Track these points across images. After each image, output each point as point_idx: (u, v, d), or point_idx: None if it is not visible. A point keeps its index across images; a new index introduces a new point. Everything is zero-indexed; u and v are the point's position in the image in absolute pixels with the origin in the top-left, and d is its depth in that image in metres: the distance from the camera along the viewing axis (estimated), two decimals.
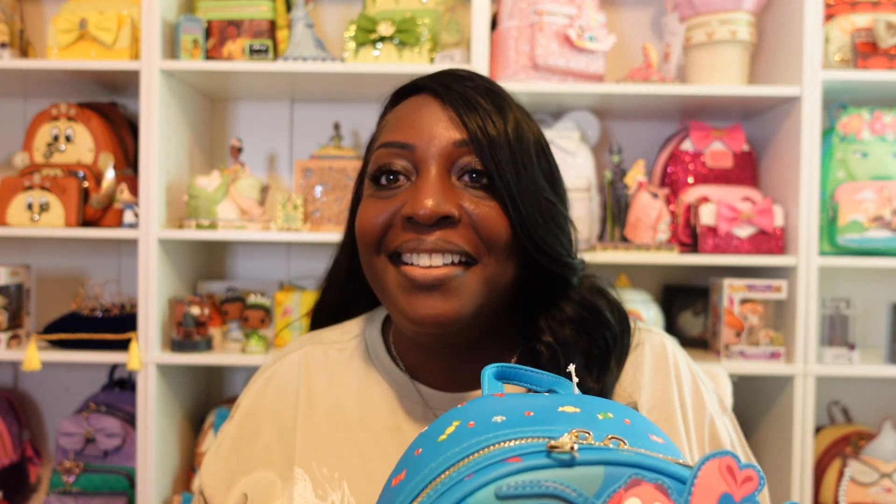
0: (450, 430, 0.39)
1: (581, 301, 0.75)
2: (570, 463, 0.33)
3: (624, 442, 0.36)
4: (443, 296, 0.66)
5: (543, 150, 0.73)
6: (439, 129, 0.68)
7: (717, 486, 0.33)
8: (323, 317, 0.88)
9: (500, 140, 0.67)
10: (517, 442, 0.36)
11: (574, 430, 0.36)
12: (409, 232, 0.66)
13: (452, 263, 0.66)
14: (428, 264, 0.66)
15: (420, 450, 0.40)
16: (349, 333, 0.82)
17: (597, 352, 0.72)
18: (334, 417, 0.75)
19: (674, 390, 0.74)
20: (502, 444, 0.36)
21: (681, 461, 0.36)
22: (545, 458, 0.33)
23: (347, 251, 0.83)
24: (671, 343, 0.79)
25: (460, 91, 0.69)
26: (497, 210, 0.67)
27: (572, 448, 0.34)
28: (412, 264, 0.67)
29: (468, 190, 0.68)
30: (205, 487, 0.76)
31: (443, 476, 0.35)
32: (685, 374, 0.76)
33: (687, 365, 0.78)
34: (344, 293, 0.86)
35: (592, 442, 0.35)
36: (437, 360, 0.75)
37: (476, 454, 0.36)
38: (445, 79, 0.72)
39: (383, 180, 0.70)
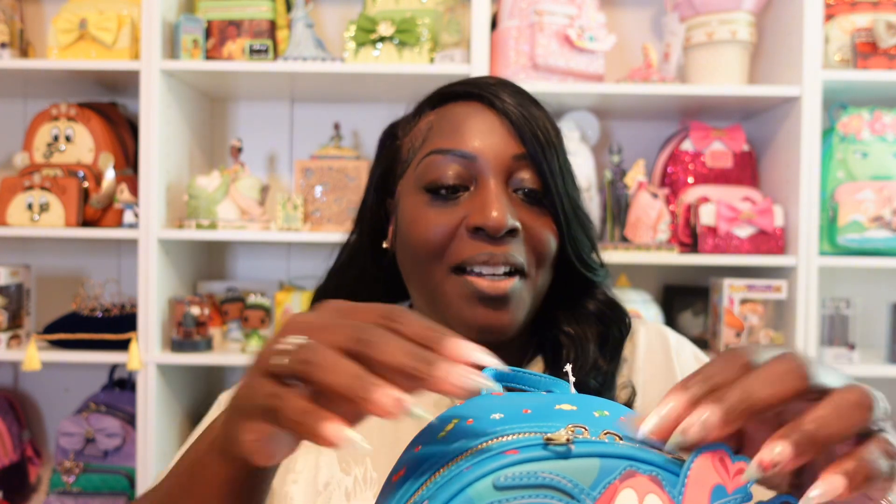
0: (449, 427, 0.40)
1: (603, 297, 0.78)
2: (566, 455, 0.34)
3: (619, 437, 0.37)
4: (506, 307, 0.67)
5: (566, 155, 0.75)
6: (498, 140, 0.69)
7: (709, 477, 0.33)
8: None
9: (552, 152, 0.70)
10: (515, 436, 0.36)
11: (570, 426, 0.36)
12: (477, 243, 0.67)
13: (512, 274, 0.68)
14: (492, 275, 0.67)
15: (419, 447, 0.40)
16: None
17: (611, 340, 0.75)
18: None
19: (675, 362, 0.78)
20: (500, 438, 0.37)
21: (675, 455, 0.36)
22: (542, 451, 0.34)
23: (369, 252, 0.81)
24: (666, 328, 0.82)
25: (512, 101, 0.71)
26: (549, 225, 0.70)
27: (568, 440, 0.35)
28: (479, 274, 0.67)
29: (524, 205, 0.70)
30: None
31: (442, 470, 0.36)
32: (685, 348, 0.80)
33: (688, 343, 0.82)
34: (354, 292, 0.84)
35: (588, 436, 0.36)
36: None
37: (474, 448, 0.36)
38: (491, 87, 0.73)
39: (441, 189, 0.70)
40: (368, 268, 0.83)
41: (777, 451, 0.33)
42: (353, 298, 0.86)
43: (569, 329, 0.75)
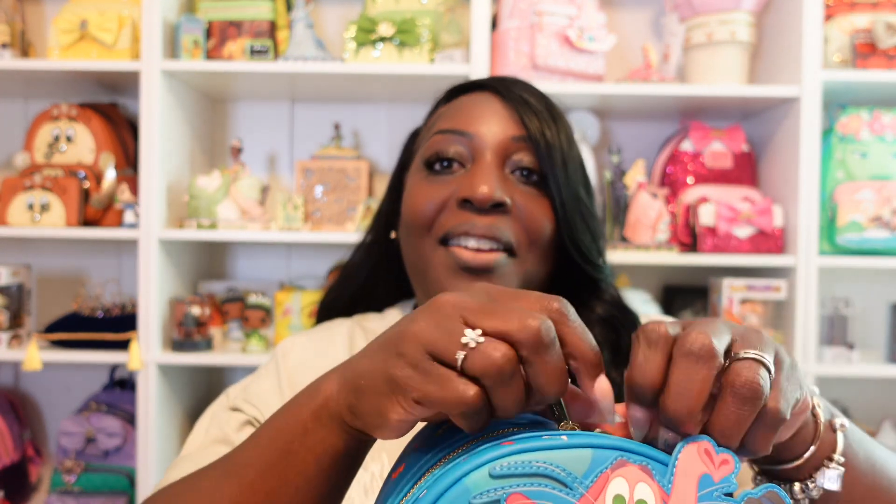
0: (446, 425, 0.41)
1: (611, 300, 0.77)
2: (560, 446, 0.35)
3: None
4: (488, 281, 0.67)
5: (582, 164, 0.76)
6: (498, 123, 0.71)
7: (696, 467, 0.35)
8: (336, 310, 0.88)
9: (554, 143, 0.71)
10: (510, 430, 0.38)
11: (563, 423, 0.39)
12: (463, 213, 0.68)
13: (498, 250, 0.68)
14: (476, 247, 0.68)
15: (418, 444, 0.42)
16: (383, 323, 0.83)
17: (624, 348, 0.75)
18: None
19: None
20: (497, 432, 0.38)
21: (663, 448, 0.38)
22: (536, 442, 0.35)
23: (381, 246, 0.83)
24: (666, 318, 0.81)
25: (519, 93, 0.73)
26: (545, 207, 0.71)
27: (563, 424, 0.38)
28: (461, 246, 0.68)
29: (519, 185, 0.71)
30: (254, 399, 0.74)
31: (439, 464, 0.37)
32: None
33: None
34: (365, 288, 0.87)
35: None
36: None
37: (471, 442, 0.38)
38: (504, 81, 0.75)
39: (437, 166, 0.72)
40: (381, 262, 0.84)
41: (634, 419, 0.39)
42: (367, 293, 0.87)
43: None
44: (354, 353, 0.76)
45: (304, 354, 0.78)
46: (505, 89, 0.73)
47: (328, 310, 0.89)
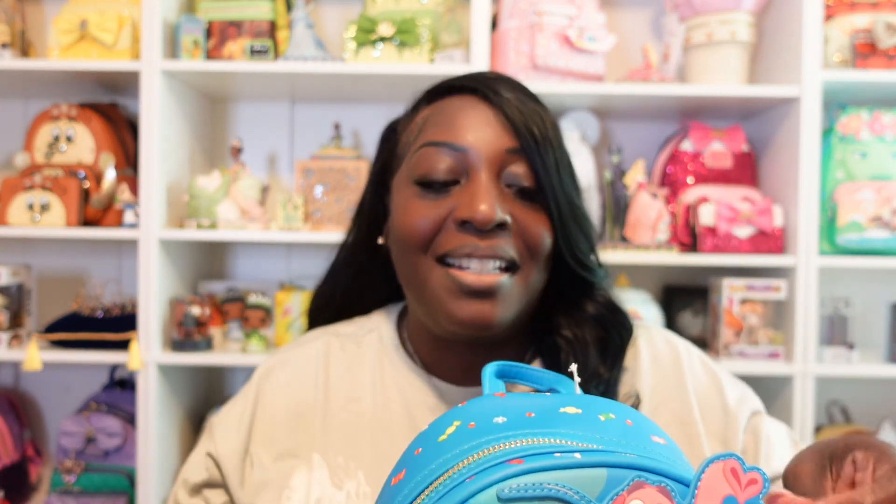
0: (450, 430, 0.39)
1: (603, 300, 0.76)
2: (573, 465, 0.33)
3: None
4: (491, 301, 0.67)
5: (569, 158, 0.75)
6: (490, 133, 0.69)
7: (720, 488, 0.33)
8: (325, 315, 0.88)
9: (546, 148, 0.69)
10: (519, 443, 0.36)
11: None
12: (463, 236, 0.67)
13: (500, 269, 0.67)
14: (479, 269, 0.67)
15: (420, 449, 0.39)
16: (364, 328, 0.82)
17: (612, 346, 0.74)
18: (350, 408, 0.75)
19: (686, 375, 0.76)
20: (504, 445, 0.36)
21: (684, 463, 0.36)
22: (548, 460, 0.33)
23: (365, 249, 0.82)
24: (672, 335, 0.81)
25: (507, 96, 0.70)
26: (543, 219, 0.69)
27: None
28: (462, 268, 0.67)
29: (516, 199, 0.69)
30: (218, 436, 0.76)
31: (443, 477, 0.35)
32: (693, 356, 0.79)
33: (694, 349, 0.80)
34: (351, 291, 0.86)
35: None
36: (454, 356, 0.75)
37: (477, 455, 0.35)
38: (487, 81, 0.72)
39: (430, 181, 0.69)
40: (366, 265, 0.83)
41: None
42: (352, 297, 0.87)
43: (567, 333, 0.74)
44: (329, 372, 0.77)
45: (277, 380, 0.78)
46: (491, 92, 0.70)
47: (317, 316, 0.88)
